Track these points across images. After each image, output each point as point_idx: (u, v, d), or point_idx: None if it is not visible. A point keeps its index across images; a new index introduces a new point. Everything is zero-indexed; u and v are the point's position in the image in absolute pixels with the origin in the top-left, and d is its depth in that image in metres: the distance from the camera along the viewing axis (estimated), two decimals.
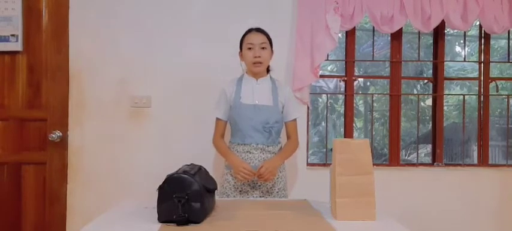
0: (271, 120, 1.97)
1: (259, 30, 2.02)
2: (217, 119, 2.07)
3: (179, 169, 1.39)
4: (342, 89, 2.71)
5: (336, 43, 2.45)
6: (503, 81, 3.34)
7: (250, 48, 1.97)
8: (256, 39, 1.97)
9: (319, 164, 2.70)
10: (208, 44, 2.47)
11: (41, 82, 2.45)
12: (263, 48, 1.97)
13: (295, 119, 2.10)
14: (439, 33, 2.70)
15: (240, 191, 2.00)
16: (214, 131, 2.09)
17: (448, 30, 3.01)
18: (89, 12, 2.45)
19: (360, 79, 6.18)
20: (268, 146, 1.99)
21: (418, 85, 6.41)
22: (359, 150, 1.39)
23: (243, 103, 1.98)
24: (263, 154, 1.98)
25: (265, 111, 1.97)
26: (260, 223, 1.33)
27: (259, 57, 1.96)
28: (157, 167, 1.78)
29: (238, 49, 2.06)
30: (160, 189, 1.30)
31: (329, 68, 6.76)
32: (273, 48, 2.05)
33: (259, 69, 2.00)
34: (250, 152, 1.97)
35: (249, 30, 2.03)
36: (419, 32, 2.61)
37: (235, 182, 2.00)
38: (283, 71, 2.49)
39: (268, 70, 2.08)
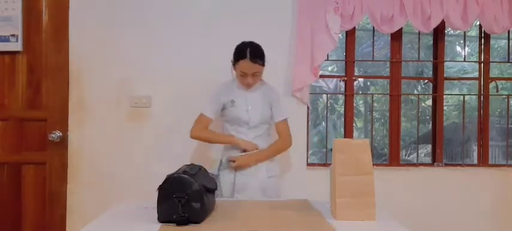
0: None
1: (253, 59, 1.92)
2: (203, 115, 2.04)
3: (179, 169, 1.39)
4: (342, 89, 2.71)
5: (336, 43, 2.45)
6: (503, 81, 3.35)
7: (242, 75, 1.97)
8: (250, 69, 1.94)
9: (319, 164, 2.70)
10: (209, 44, 2.47)
11: (41, 82, 2.44)
12: (255, 74, 1.96)
13: (284, 120, 2.10)
14: (439, 33, 2.70)
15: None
16: (194, 126, 2.05)
17: (448, 30, 3.02)
18: (89, 12, 2.45)
19: (360, 79, 6.18)
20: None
21: (418, 86, 6.41)
22: (359, 150, 1.39)
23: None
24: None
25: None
26: (260, 223, 1.33)
27: (251, 84, 1.99)
28: (157, 167, 1.78)
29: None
30: (160, 189, 1.30)
31: (329, 68, 6.76)
32: (273, 49, 2.04)
33: (250, 89, 2.04)
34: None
35: (243, 56, 1.92)
36: (419, 32, 2.61)
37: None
38: (284, 71, 2.48)
39: None
